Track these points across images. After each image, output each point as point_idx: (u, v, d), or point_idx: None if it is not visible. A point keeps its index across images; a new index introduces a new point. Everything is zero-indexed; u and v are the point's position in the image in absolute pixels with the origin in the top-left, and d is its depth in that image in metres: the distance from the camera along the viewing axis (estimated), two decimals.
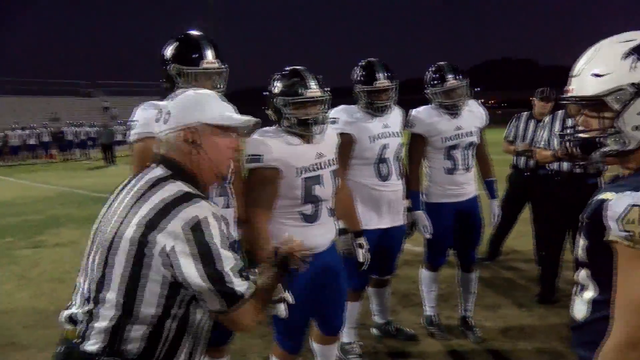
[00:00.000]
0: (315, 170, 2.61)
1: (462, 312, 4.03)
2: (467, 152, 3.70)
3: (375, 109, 3.33)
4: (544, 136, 4.31)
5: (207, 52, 2.54)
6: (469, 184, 3.74)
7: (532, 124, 5.32)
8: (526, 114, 5.50)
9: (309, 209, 2.62)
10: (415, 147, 3.72)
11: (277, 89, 2.59)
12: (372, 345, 3.86)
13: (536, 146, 4.46)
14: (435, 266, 3.92)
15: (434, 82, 3.63)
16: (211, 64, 2.54)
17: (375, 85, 3.28)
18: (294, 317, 2.61)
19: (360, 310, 3.70)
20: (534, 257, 5.21)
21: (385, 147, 3.34)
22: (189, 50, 2.55)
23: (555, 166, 4.32)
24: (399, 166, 3.47)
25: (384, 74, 3.29)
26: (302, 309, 2.66)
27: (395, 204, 3.44)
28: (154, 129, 1.74)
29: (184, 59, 2.52)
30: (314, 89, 2.55)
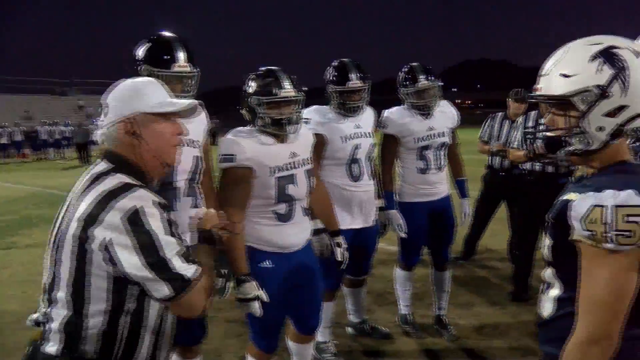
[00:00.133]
0: (288, 169, 2.61)
1: (436, 310, 4.07)
2: (439, 152, 3.74)
3: (347, 109, 3.33)
4: (517, 136, 4.37)
5: (179, 54, 2.47)
6: (441, 184, 3.79)
7: (506, 125, 5.38)
8: (501, 114, 5.57)
9: (283, 208, 2.62)
10: (388, 147, 3.75)
11: (252, 89, 2.60)
12: (347, 344, 3.87)
13: (510, 146, 4.52)
14: (409, 265, 3.95)
15: (406, 83, 3.67)
16: (183, 67, 2.48)
17: (348, 85, 3.29)
18: (269, 316, 2.62)
19: (335, 309, 3.72)
20: (507, 255, 5.30)
21: (357, 147, 3.35)
22: (160, 52, 2.47)
23: (527, 166, 4.39)
24: (370, 166, 3.49)
25: (356, 75, 3.30)
26: (277, 308, 2.67)
27: (367, 204, 3.45)
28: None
29: (155, 60, 2.45)
30: (288, 89, 2.55)
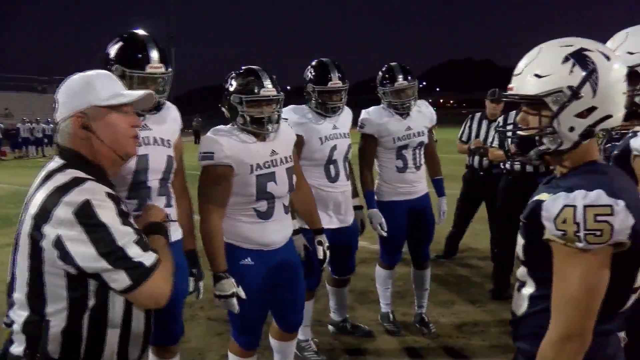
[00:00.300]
0: (268, 167, 2.62)
1: (417, 308, 4.11)
2: (417, 151, 3.79)
3: (326, 109, 3.34)
4: (496, 136, 4.42)
5: (152, 55, 2.40)
6: (419, 182, 3.83)
7: (484, 124, 5.44)
8: (479, 114, 5.62)
9: (263, 205, 2.63)
10: (366, 147, 3.78)
11: (233, 87, 2.61)
12: (328, 342, 3.89)
13: (490, 146, 4.57)
14: (390, 264, 3.98)
15: (384, 82, 3.71)
16: (157, 68, 2.41)
17: (328, 85, 3.29)
18: (250, 313, 2.63)
19: (316, 308, 3.73)
20: (489, 254, 5.35)
21: (334, 148, 3.35)
22: (133, 52, 2.40)
23: (507, 165, 4.44)
24: (347, 167, 3.50)
25: (337, 75, 3.31)
26: (258, 305, 2.68)
27: (344, 204, 3.46)
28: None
29: (127, 61, 2.37)
30: (268, 87, 2.57)
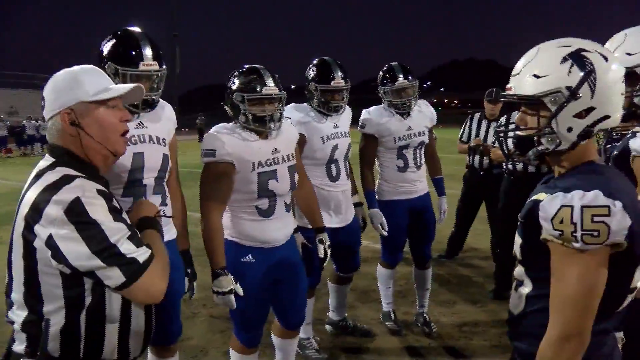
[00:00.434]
0: (270, 165, 2.63)
1: (418, 308, 4.11)
2: (418, 151, 3.80)
3: (329, 108, 3.34)
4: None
5: (146, 52, 2.38)
6: (420, 181, 3.84)
7: (484, 124, 5.45)
8: (478, 114, 5.63)
9: (265, 203, 2.65)
10: (367, 147, 3.79)
11: (235, 86, 2.62)
12: (330, 340, 3.90)
13: (493, 146, 4.56)
14: (391, 263, 3.99)
15: (385, 82, 3.72)
16: (150, 65, 2.38)
17: (331, 84, 3.29)
18: (251, 310, 2.65)
19: (317, 306, 3.74)
20: (491, 254, 5.35)
21: (336, 147, 3.36)
22: (127, 49, 2.37)
23: (509, 166, 4.44)
24: (347, 166, 3.51)
25: (340, 74, 3.31)
26: (259, 302, 2.70)
27: (345, 203, 3.47)
28: None
29: (121, 58, 2.34)
30: (270, 86, 2.58)
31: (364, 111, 3.79)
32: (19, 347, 1.52)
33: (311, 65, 3.43)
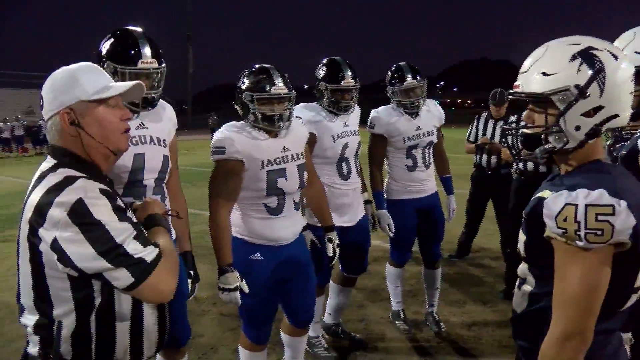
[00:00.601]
0: (279, 163, 2.65)
1: (428, 307, 4.11)
2: (427, 151, 3.81)
3: (339, 107, 3.35)
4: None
5: (144, 50, 2.36)
6: (429, 181, 3.84)
7: (490, 124, 5.43)
8: (485, 114, 5.62)
9: (274, 201, 2.66)
10: (376, 147, 3.80)
11: (245, 85, 2.64)
12: (339, 339, 3.89)
13: (502, 144, 4.53)
14: (400, 262, 3.99)
15: (394, 81, 3.72)
16: (149, 63, 2.37)
17: (342, 84, 3.30)
18: (259, 308, 2.67)
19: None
20: (502, 254, 5.33)
21: (346, 146, 3.37)
22: (125, 47, 2.36)
23: (520, 165, 4.42)
24: (357, 164, 3.52)
25: (350, 73, 3.33)
26: (267, 300, 2.71)
27: (355, 201, 3.48)
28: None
29: (119, 57, 2.33)
30: (280, 86, 2.59)
31: (372, 111, 3.79)
32: (33, 349, 1.52)
33: (321, 65, 3.44)
